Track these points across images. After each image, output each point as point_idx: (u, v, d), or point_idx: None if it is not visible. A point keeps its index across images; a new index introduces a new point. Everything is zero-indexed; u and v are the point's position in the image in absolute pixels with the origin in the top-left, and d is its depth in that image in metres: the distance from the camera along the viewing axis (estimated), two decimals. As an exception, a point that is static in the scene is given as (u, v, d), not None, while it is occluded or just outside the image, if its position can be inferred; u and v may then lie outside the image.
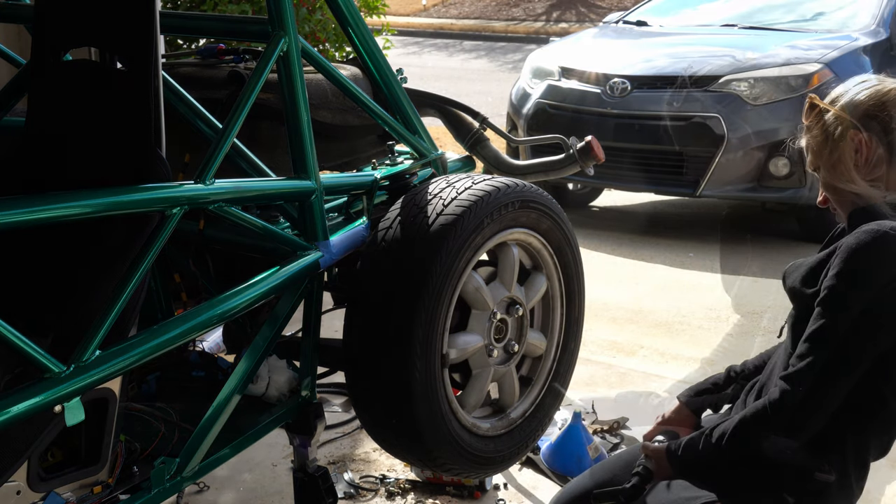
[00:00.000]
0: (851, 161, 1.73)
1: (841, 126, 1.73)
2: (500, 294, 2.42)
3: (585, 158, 3.01)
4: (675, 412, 2.05)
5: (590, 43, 6.73)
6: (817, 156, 1.79)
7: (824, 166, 1.79)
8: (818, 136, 1.78)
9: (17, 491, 1.73)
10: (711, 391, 2.05)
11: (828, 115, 1.76)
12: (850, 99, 1.74)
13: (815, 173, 1.82)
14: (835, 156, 1.75)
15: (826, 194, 1.82)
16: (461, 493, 2.89)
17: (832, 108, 1.75)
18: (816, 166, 1.81)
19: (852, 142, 1.72)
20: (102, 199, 1.73)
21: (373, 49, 2.59)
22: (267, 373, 2.36)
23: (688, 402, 2.06)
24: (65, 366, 1.64)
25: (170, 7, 5.57)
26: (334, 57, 5.77)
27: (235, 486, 2.95)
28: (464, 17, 18.91)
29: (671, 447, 1.85)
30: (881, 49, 5.95)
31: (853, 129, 1.72)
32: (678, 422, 2.04)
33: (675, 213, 6.50)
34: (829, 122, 1.75)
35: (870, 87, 1.74)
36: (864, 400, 1.70)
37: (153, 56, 1.92)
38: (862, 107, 1.72)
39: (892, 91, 1.73)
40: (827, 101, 1.78)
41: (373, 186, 2.54)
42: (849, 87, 1.77)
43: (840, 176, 1.76)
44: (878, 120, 1.71)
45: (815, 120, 1.79)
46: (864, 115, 1.72)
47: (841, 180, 1.76)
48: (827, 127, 1.76)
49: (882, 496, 2.96)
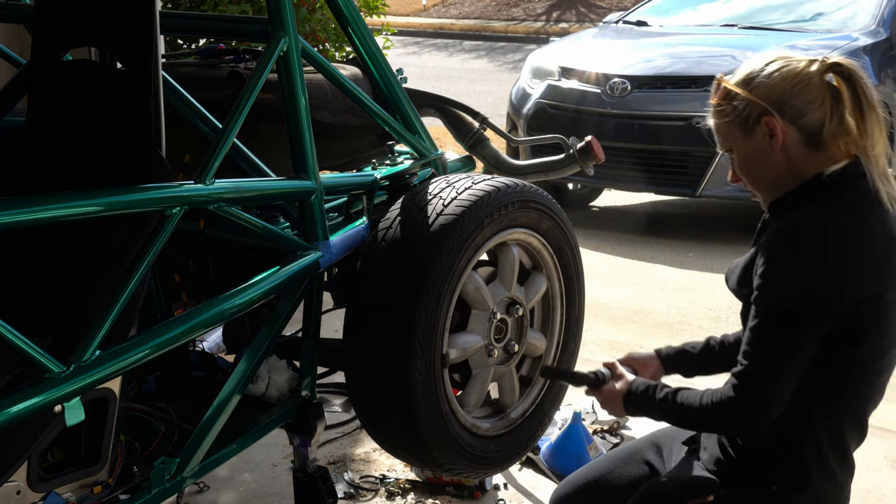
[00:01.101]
0: (767, 146, 1.71)
1: (754, 111, 1.70)
2: (500, 294, 2.42)
3: (585, 158, 3.01)
4: (648, 357, 2.04)
5: (590, 43, 6.72)
6: (729, 138, 1.76)
7: (738, 150, 1.76)
8: (730, 118, 1.74)
9: (17, 491, 1.73)
10: (689, 355, 2.03)
11: (738, 97, 1.72)
12: (762, 82, 1.70)
13: (728, 153, 1.79)
14: (749, 140, 1.72)
15: (741, 177, 1.79)
16: (461, 493, 2.89)
17: (745, 93, 1.71)
18: (729, 148, 1.78)
19: (767, 126, 1.69)
20: (102, 199, 1.73)
21: (373, 49, 2.59)
22: (267, 373, 2.36)
23: (662, 357, 2.04)
24: (65, 366, 1.64)
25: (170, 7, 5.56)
26: (334, 57, 5.77)
27: (235, 486, 2.95)
28: (464, 17, 18.91)
29: (635, 383, 1.84)
30: (881, 49, 5.95)
31: (767, 115, 1.69)
32: (643, 366, 2.02)
33: (675, 213, 6.50)
34: (742, 105, 1.71)
35: (781, 68, 1.69)
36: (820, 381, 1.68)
37: (153, 56, 1.92)
38: (776, 91, 1.68)
39: (803, 71, 1.68)
40: (736, 81, 1.73)
41: (373, 186, 2.54)
42: (759, 68, 1.72)
43: (754, 160, 1.74)
44: (791, 104, 1.68)
45: (725, 102, 1.74)
46: (778, 101, 1.68)
47: (755, 164, 1.75)
48: (740, 111, 1.72)
49: (882, 496, 2.96)
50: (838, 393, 1.69)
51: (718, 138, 1.79)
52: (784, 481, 1.72)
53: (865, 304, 1.62)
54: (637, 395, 1.82)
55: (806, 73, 1.68)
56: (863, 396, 1.72)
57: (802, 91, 1.67)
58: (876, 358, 1.68)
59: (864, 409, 1.74)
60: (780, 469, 1.73)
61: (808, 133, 1.68)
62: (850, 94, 1.66)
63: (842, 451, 1.74)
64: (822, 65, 1.68)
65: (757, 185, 1.78)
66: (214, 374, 2.49)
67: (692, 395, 1.74)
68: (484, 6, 19.41)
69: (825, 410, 1.69)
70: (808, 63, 1.69)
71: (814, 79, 1.67)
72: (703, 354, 2.02)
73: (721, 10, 6.90)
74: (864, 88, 1.67)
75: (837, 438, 1.72)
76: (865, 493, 2.95)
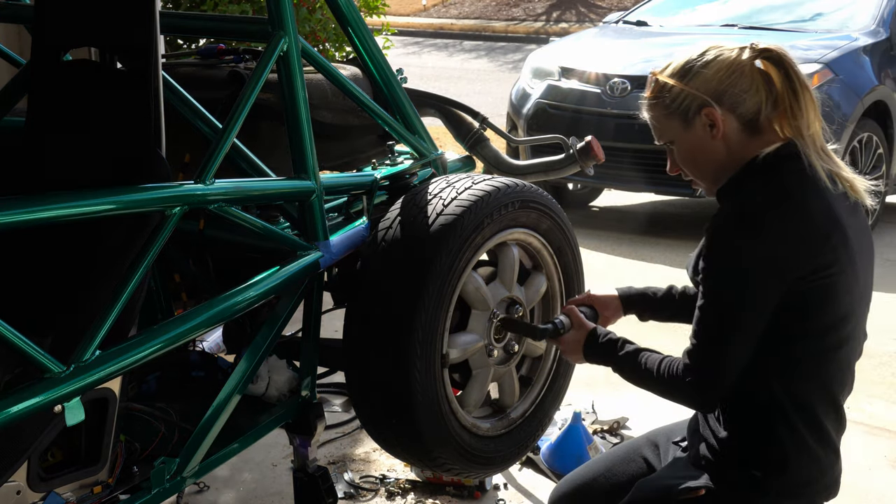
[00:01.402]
0: (707, 136, 1.74)
1: (694, 103, 1.73)
2: (500, 294, 2.42)
3: (585, 158, 3.01)
4: (608, 297, 2.09)
5: (590, 43, 6.73)
6: (668, 131, 1.79)
7: (678, 141, 1.79)
8: (668, 111, 1.77)
9: (17, 491, 1.73)
10: (649, 298, 2.08)
11: (675, 90, 1.75)
12: (697, 73, 1.73)
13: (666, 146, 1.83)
14: (689, 132, 1.76)
15: (682, 167, 1.83)
16: (461, 493, 2.89)
17: (682, 85, 1.74)
18: (668, 140, 1.81)
19: (707, 117, 1.73)
20: (102, 199, 1.73)
21: (373, 49, 2.59)
22: (267, 373, 2.36)
23: (624, 297, 2.09)
24: (65, 366, 1.64)
25: (170, 7, 5.56)
26: (334, 57, 5.77)
27: (235, 486, 2.95)
28: (464, 17, 18.91)
29: (596, 332, 1.90)
30: (881, 49, 5.96)
31: (707, 107, 1.72)
32: (604, 306, 2.08)
33: (675, 213, 6.50)
34: (680, 98, 1.74)
35: (715, 59, 1.72)
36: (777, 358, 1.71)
37: (153, 56, 1.92)
38: (713, 81, 1.72)
39: (736, 60, 1.72)
40: (670, 73, 1.76)
41: (373, 186, 2.54)
42: (693, 60, 1.75)
43: (696, 150, 1.77)
44: (728, 94, 1.71)
45: (662, 95, 1.77)
46: (715, 91, 1.72)
47: (697, 155, 1.78)
48: (678, 104, 1.75)
49: (882, 496, 2.96)
50: (795, 368, 1.71)
51: (656, 132, 1.83)
52: (764, 466, 1.73)
53: (807, 281, 1.65)
54: (599, 344, 1.88)
55: (739, 62, 1.72)
56: (825, 373, 1.73)
57: (738, 80, 1.71)
58: (826, 333, 1.70)
59: (831, 387, 1.75)
60: (759, 454, 1.74)
61: (745, 120, 1.73)
62: (782, 78, 1.72)
63: (819, 432, 1.74)
64: (753, 51, 1.73)
65: (700, 175, 1.82)
66: (214, 374, 2.49)
67: (652, 360, 1.79)
68: (484, 6, 19.41)
69: (787, 388, 1.71)
70: (740, 51, 1.73)
71: (747, 67, 1.72)
72: (663, 301, 2.07)
73: (721, 10, 6.90)
74: (794, 71, 1.72)
75: (811, 418, 1.72)
76: (865, 493, 2.95)
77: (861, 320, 1.77)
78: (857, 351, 1.79)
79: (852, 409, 3.48)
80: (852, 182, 1.74)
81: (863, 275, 1.74)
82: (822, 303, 1.67)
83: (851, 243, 1.69)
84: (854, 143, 5.66)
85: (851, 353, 1.77)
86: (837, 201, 1.70)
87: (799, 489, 1.74)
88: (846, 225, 1.69)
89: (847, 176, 1.74)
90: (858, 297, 1.73)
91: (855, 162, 5.73)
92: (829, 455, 1.76)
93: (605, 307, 2.07)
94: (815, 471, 1.75)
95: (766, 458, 1.73)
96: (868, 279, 1.78)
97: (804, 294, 1.66)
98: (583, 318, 1.95)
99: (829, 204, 1.68)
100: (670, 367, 1.75)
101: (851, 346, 1.75)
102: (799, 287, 1.65)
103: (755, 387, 1.72)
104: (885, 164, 5.93)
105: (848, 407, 1.85)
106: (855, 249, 1.70)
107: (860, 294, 1.74)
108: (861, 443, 3.24)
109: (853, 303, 1.71)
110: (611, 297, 2.09)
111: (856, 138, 5.67)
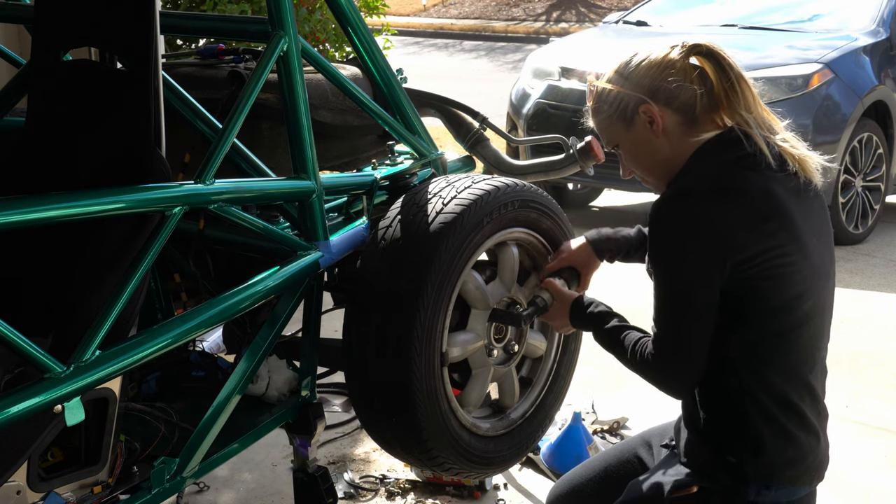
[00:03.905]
0: (649, 133, 1.79)
1: (630, 102, 1.78)
2: (499, 294, 2.42)
3: (585, 158, 3.01)
4: (580, 249, 2.19)
5: (590, 43, 6.73)
6: (613, 135, 1.85)
7: (623, 143, 1.84)
8: (609, 114, 1.83)
9: (17, 491, 1.73)
10: (620, 242, 2.15)
11: (612, 93, 1.81)
12: (630, 74, 1.78)
13: (614, 150, 1.89)
14: (632, 132, 1.81)
15: (631, 169, 1.89)
16: (461, 493, 2.89)
17: (618, 88, 1.80)
18: (615, 144, 1.86)
19: (645, 115, 1.77)
20: (102, 199, 1.73)
21: (373, 49, 2.59)
22: (267, 373, 2.36)
23: (593, 242, 2.16)
24: (65, 366, 1.64)
25: (170, 7, 5.56)
26: (334, 57, 5.77)
27: (235, 486, 2.95)
28: (464, 17, 18.91)
29: (581, 301, 2.00)
30: (881, 49, 5.96)
31: (643, 104, 1.77)
32: (580, 261, 2.18)
33: (675, 213, 6.49)
34: (617, 101, 1.80)
35: (646, 58, 1.78)
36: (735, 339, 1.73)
37: (153, 56, 1.92)
38: (645, 80, 1.77)
39: (666, 57, 1.77)
40: (606, 79, 1.83)
41: (373, 186, 2.54)
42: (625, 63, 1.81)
43: (640, 149, 1.82)
44: (662, 89, 1.76)
45: (601, 101, 1.83)
46: (649, 88, 1.76)
47: (642, 154, 1.83)
48: (617, 106, 1.80)
49: (882, 496, 2.96)
50: (756, 351, 1.72)
51: (603, 137, 1.89)
52: (739, 452, 1.74)
53: (752, 263, 1.68)
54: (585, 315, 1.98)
55: (669, 59, 1.77)
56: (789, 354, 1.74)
57: (669, 75, 1.76)
58: (779, 313, 1.71)
59: (799, 368, 1.75)
60: (733, 440, 1.76)
61: (683, 113, 1.77)
62: (714, 69, 1.75)
63: (793, 414, 1.74)
64: (683, 48, 1.77)
65: (649, 173, 1.87)
66: (214, 374, 2.49)
67: (629, 339, 1.84)
68: (484, 6, 19.41)
69: (753, 371, 1.72)
70: (670, 49, 1.78)
71: (678, 62, 1.76)
72: (632, 242, 2.15)
73: (721, 10, 6.90)
74: (726, 61, 1.76)
75: (782, 401, 1.73)
76: (865, 493, 2.95)
77: (821, 299, 1.78)
78: (823, 331, 1.80)
79: (852, 409, 3.49)
80: (802, 161, 1.76)
81: (816, 253, 1.75)
82: (770, 285, 1.69)
83: (796, 223, 1.71)
84: (854, 143, 5.67)
85: (816, 333, 1.78)
86: (781, 183, 1.72)
87: (778, 473, 1.75)
88: (789, 206, 1.71)
89: (797, 154, 1.76)
90: (812, 276, 1.73)
91: (855, 162, 5.73)
92: (808, 438, 1.76)
93: (580, 262, 2.17)
94: (793, 454, 1.75)
95: (740, 443, 1.74)
96: (824, 257, 1.78)
97: (751, 276, 1.68)
98: (561, 289, 2.07)
99: (769, 187, 1.71)
100: (642, 350, 1.80)
101: (814, 325, 1.76)
102: (744, 270, 1.68)
103: (724, 372, 1.75)
104: (885, 164, 5.93)
105: (848, 407, 1.84)
106: (801, 229, 1.72)
107: (813, 273, 1.74)
108: (861, 443, 3.24)
109: (805, 282, 1.72)
110: (582, 248, 2.18)
111: (856, 138, 5.67)
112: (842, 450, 1.83)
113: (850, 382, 3.67)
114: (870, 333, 4.15)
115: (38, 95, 2.19)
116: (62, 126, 2.11)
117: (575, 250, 2.20)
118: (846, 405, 3.45)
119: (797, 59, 5.67)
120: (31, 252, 2.00)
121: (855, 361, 3.87)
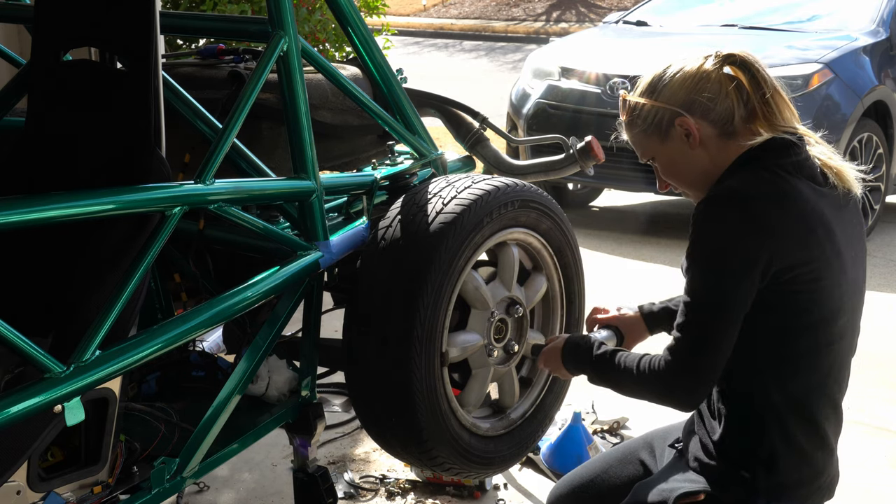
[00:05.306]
0: (685, 145, 1.76)
1: (666, 116, 1.76)
2: (499, 294, 2.42)
3: (585, 158, 3.01)
4: (632, 317, 2.07)
5: (590, 43, 6.72)
6: (648, 148, 1.82)
7: (659, 156, 1.82)
8: (644, 128, 1.80)
9: (17, 491, 1.73)
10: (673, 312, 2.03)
11: (646, 107, 1.78)
12: (664, 87, 1.76)
13: (650, 163, 1.86)
14: (667, 145, 1.78)
15: (668, 181, 1.85)
16: (461, 493, 2.89)
17: (652, 102, 1.77)
18: (650, 157, 1.84)
19: (681, 127, 1.75)
20: (102, 199, 1.73)
21: (373, 49, 2.59)
22: (267, 373, 2.36)
23: (646, 315, 2.07)
24: (65, 366, 1.64)
25: (170, 7, 5.56)
26: (334, 57, 5.77)
27: (235, 486, 2.95)
28: (464, 17, 18.91)
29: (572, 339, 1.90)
30: (881, 49, 5.96)
31: (679, 117, 1.74)
32: (630, 327, 2.06)
33: (675, 213, 6.50)
34: (652, 115, 1.77)
35: (680, 70, 1.76)
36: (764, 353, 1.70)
37: (153, 56, 1.92)
38: (680, 92, 1.75)
39: (700, 68, 1.74)
40: (640, 92, 1.80)
41: (373, 186, 2.54)
42: (658, 75, 1.78)
43: (678, 162, 1.80)
44: (697, 102, 1.73)
45: (635, 115, 1.81)
46: (685, 101, 1.74)
47: (680, 166, 1.80)
48: (652, 119, 1.78)
49: (882, 496, 2.96)
50: (791, 366, 1.70)
51: (638, 150, 1.86)
52: (753, 467, 1.72)
53: (792, 274, 1.64)
54: (573, 350, 1.87)
55: (703, 70, 1.74)
56: (822, 370, 1.72)
57: (704, 87, 1.73)
58: (818, 328, 1.69)
59: (829, 385, 1.74)
60: (749, 454, 1.73)
61: (720, 125, 1.74)
62: (749, 80, 1.73)
63: (814, 433, 1.73)
64: (717, 59, 1.75)
65: (687, 184, 1.83)
66: (214, 374, 2.49)
67: (630, 359, 1.77)
68: (484, 6, 19.40)
69: (785, 388, 1.70)
70: (704, 60, 1.76)
71: (712, 73, 1.74)
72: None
73: (721, 10, 6.90)
74: (760, 72, 1.74)
75: (808, 419, 1.72)
76: (865, 493, 2.95)
77: (853, 315, 1.76)
78: (853, 347, 1.79)
79: (852, 409, 3.49)
80: (840, 172, 1.74)
81: (851, 268, 1.73)
82: (808, 298, 1.66)
83: (837, 237, 1.69)
84: (854, 143, 5.66)
85: (847, 349, 1.77)
86: (823, 194, 1.70)
87: (790, 491, 1.73)
88: (830, 219, 1.69)
89: (835, 165, 1.74)
90: (848, 291, 1.72)
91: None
92: (824, 456, 1.75)
93: (630, 329, 2.06)
94: (807, 473, 1.74)
95: (755, 458, 1.72)
96: (858, 273, 1.77)
97: (789, 287, 1.65)
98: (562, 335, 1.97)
99: (815, 197, 1.69)
100: (651, 364, 1.73)
101: (846, 341, 1.75)
102: (783, 278, 1.64)
103: (752, 388, 1.72)
104: (885, 164, 5.93)
105: (848, 407, 1.84)
106: (841, 243, 1.70)
107: (849, 288, 1.72)
108: (861, 443, 3.24)
109: (843, 296, 1.71)
110: (635, 319, 2.06)
111: (856, 138, 5.66)
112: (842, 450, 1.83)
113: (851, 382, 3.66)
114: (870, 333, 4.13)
115: (38, 95, 2.19)
116: (62, 126, 2.11)
117: (628, 317, 2.08)
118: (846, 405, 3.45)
119: (797, 59, 5.67)
120: (32, 252, 2.00)
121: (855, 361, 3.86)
